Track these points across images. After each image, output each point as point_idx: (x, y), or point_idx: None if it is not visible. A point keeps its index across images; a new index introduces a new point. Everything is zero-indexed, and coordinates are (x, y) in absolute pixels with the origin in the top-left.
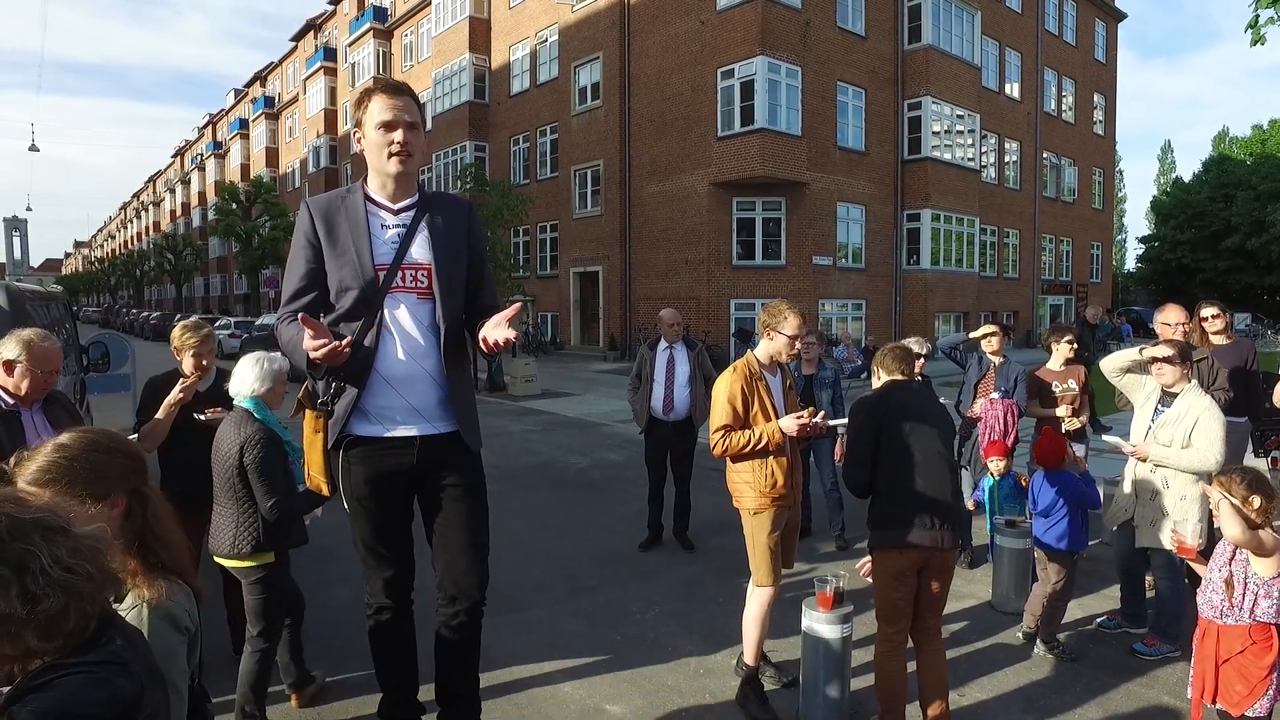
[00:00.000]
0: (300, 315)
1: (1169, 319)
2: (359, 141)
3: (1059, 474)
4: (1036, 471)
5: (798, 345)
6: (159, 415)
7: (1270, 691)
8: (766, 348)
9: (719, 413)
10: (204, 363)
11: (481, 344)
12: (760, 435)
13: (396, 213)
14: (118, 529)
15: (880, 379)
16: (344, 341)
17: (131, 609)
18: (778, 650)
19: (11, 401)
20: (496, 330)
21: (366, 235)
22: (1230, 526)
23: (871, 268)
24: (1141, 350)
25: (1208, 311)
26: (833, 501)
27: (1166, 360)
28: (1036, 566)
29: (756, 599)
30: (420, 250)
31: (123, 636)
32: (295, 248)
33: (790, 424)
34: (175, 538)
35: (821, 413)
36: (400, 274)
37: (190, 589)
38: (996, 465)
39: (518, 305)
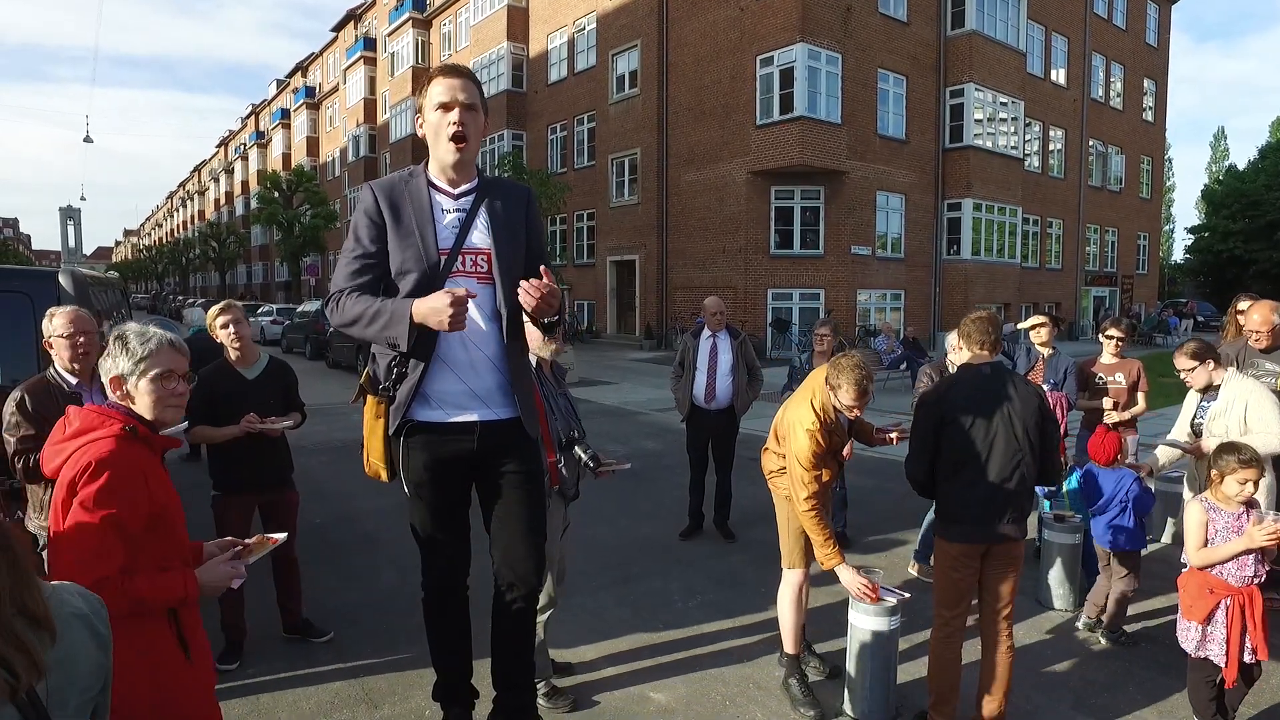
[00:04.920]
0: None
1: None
2: (420, 127)
3: (1113, 471)
4: (1088, 467)
5: (855, 413)
6: (223, 432)
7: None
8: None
9: (807, 468)
10: (240, 333)
11: (525, 301)
12: (827, 546)
13: (456, 197)
14: None
15: (959, 352)
16: (464, 291)
17: None
18: (825, 644)
19: (75, 382)
20: (527, 294)
21: (431, 219)
22: None
23: (911, 258)
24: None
25: (1242, 306)
26: (837, 499)
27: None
28: (1099, 562)
29: (789, 582)
30: (480, 235)
31: None
32: (357, 226)
33: (851, 579)
34: None
35: (898, 429)
36: (461, 258)
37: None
38: None
39: (544, 282)
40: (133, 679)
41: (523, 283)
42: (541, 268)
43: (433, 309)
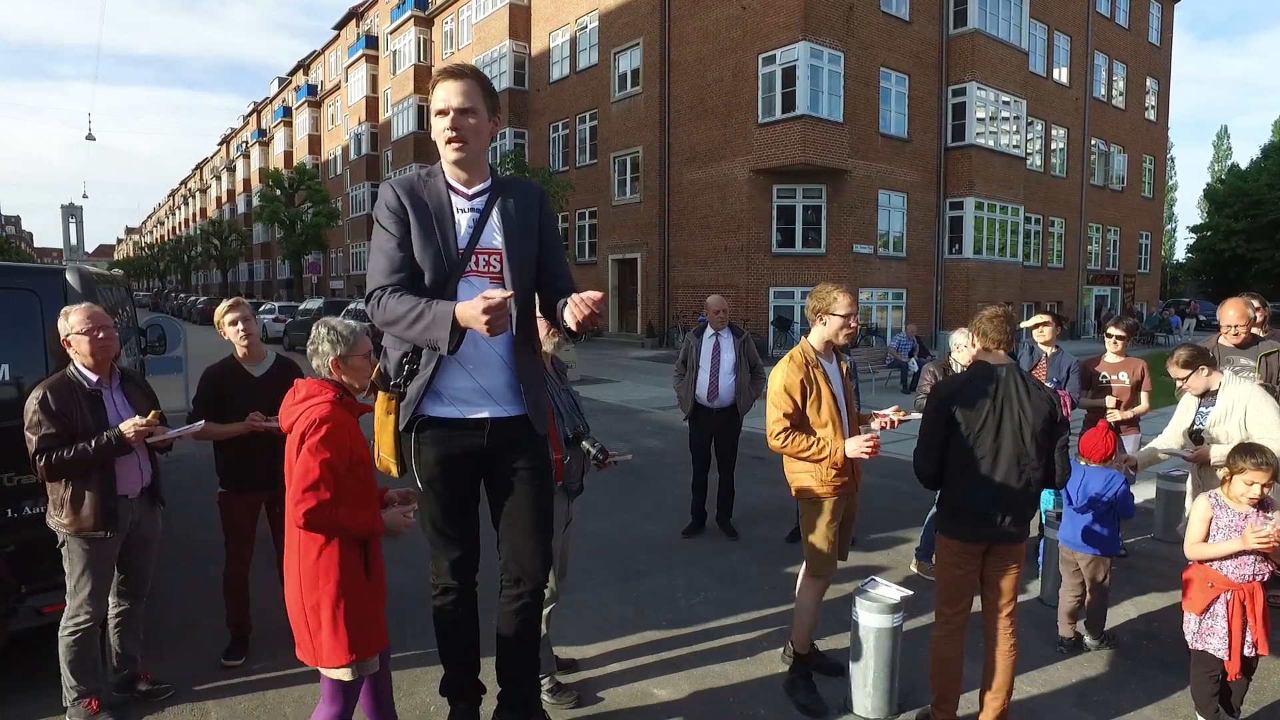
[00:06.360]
0: (489, 293)
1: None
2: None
3: (1104, 471)
4: (1077, 465)
5: (853, 323)
6: (229, 429)
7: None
8: (820, 333)
9: (777, 403)
10: (248, 330)
11: (569, 319)
12: (824, 447)
13: (470, 198)
14: None
15: (959, 349)
16: (500, 295)
17: None
18: (828, 640)
19: (95, 379)
20: (578, 307)
21: (450, 219)
22: None
23: (913, 256)
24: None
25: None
26: None
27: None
28: (1061, 566)
29: (810, 588)
30: (493, 235)
31: None
32: (385, 223)
33: (856, 447)
34: None
35: (893, 410)
36: (474, 258)
37: None
38: None
39: (600, 295)
40: (331, 584)
41: (575, 298)
42: (597, 294)
43: (472, 317)
